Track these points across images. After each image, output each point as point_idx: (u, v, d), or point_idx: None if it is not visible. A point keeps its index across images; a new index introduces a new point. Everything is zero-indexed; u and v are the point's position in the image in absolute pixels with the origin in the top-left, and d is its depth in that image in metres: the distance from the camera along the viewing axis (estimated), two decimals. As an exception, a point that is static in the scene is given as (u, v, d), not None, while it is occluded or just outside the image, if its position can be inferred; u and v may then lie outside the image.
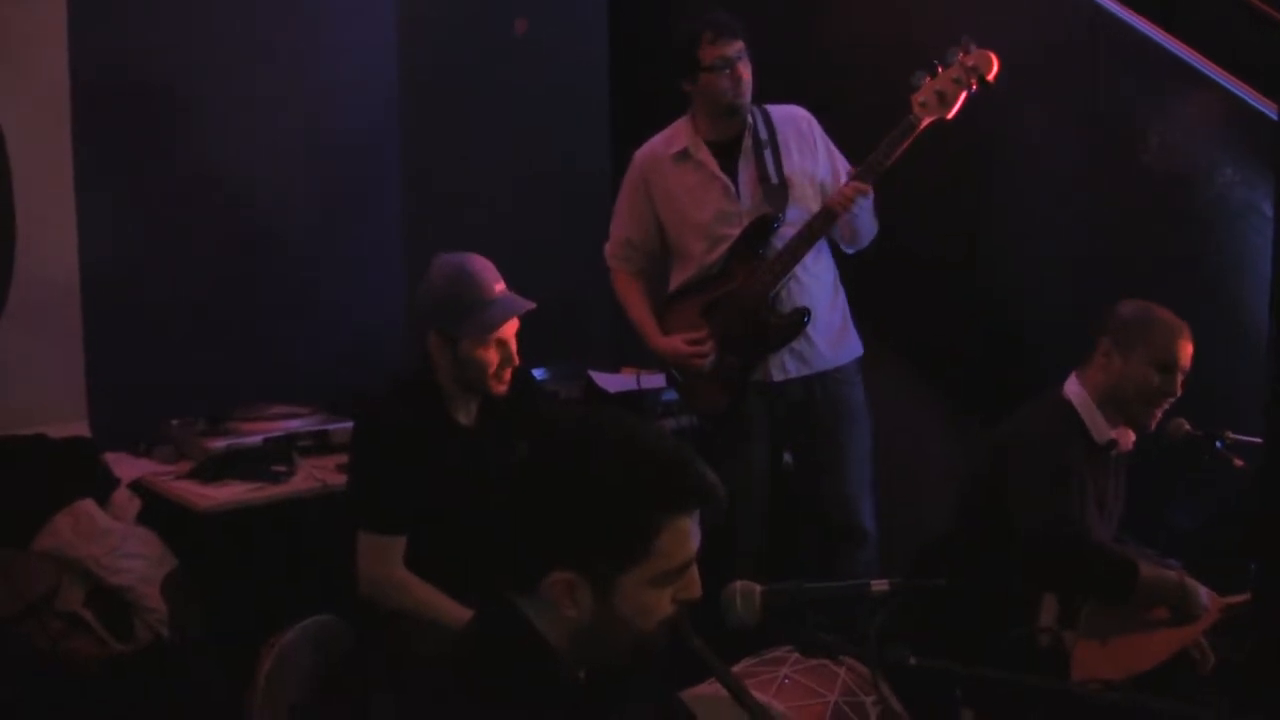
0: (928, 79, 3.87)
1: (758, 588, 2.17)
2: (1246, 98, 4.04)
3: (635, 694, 2.13)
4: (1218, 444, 3.56)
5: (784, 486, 4.35)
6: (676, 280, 4.29)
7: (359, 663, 3.12)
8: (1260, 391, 2.06)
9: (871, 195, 3.93)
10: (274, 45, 4.74)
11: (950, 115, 3.87)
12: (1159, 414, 3.48)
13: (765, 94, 4.19)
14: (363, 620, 3.22)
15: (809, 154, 4.18)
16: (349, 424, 4.32)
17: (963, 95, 3.85)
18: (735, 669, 3.21)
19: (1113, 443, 3.49)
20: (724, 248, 4.14)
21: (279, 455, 4.15)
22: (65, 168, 4.26)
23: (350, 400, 4.44)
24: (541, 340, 3.44)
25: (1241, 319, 4.01)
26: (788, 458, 4.38)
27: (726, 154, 4.16)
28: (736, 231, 4.12)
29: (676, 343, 4.17)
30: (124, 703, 3.76)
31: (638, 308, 4.33)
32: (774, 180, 4.10)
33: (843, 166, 4.19)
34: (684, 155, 4.20)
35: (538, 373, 4.82)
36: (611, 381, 4.94)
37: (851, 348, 4.26)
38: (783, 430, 4.25)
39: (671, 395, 4.77)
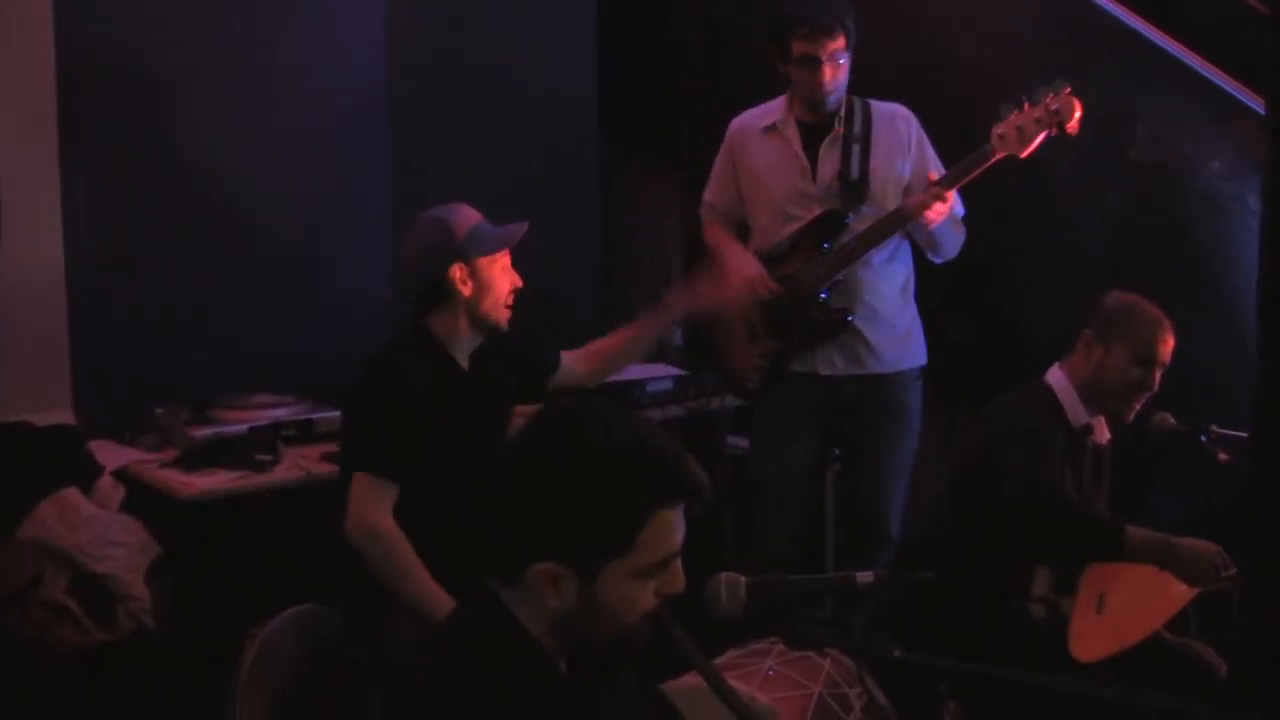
0: (1013, 113, 3.80)
1: (742, 579, 2.17)
2: (1234, 92, 4.05)
3: (625, 686, 2.14)
4: (1203, 438, 3.57)
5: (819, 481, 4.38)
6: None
7: (343, 652, 3.12)
8: (1246, 386, 2.07)
9: (949, 207, 3.89)
10: (263, 38, 4.72)
11: (1024, 154, 3.81)
12: (1136, 407, 3.50)
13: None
14: (347, 609, 3.21)
15: (898, 156, 4.11)
16: (334, 413, 4.32)
17: (1041, 136, 3.79)
18: (719, 661, 3.21)
19: (1088, 427, 3.52)
20: (791, 228, 4.13)
21: (264, 444, 4.14)
22: (51, 157, 4.24)
23: (336, 390, 4.44)
24: (530, 334, 3.45)
25: (1228, 313, 4.02)
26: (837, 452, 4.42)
27: (815, 136, 4.12)
28: (806, 214, 4.11)
29: (762, 274, 4.11)
30: (107, 691, 3.76)
31: (722, 236, 4.29)
32: (854, 175, 4.07)
33: (935, 170, 4.11)
34: (772, 129, 4.19)
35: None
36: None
37: (913, 355, 4.22)
38: (833, 425, 4.25)
39: (659, 386, 4.79)
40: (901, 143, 4.12)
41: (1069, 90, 3.75)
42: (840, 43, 3.96)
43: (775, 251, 4.17)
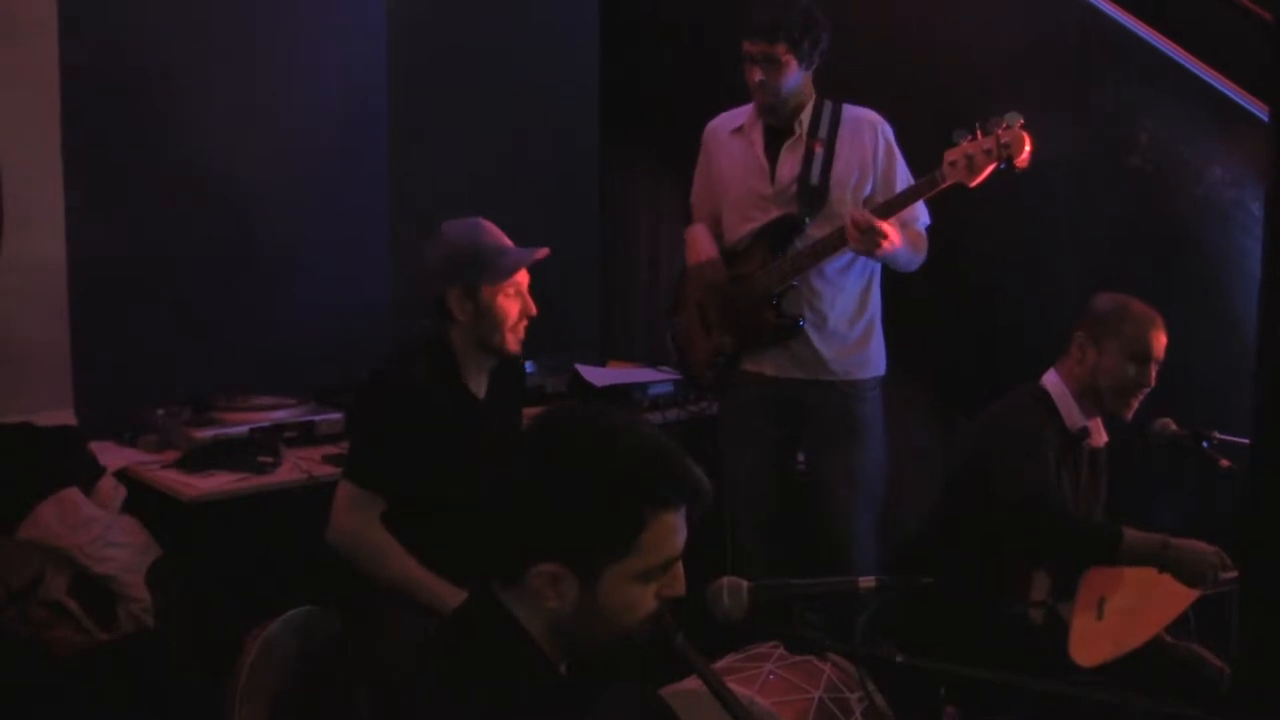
0: (966, 139, 3.76)
1: (745, 583, 2.18)
2: (1236, 98, 4.05)
3: (624, 689, 2.14)
4: (1204, 444, 3.58)
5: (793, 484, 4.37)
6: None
7: (342, 654, 3.12)
8: (1247, 392, 2.07)
9: (886, 234, 3.84)
10: (263, 34, 4.74)
11: (973, 183, 3.77)
12: (1135, 405, 3.51)
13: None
14: (346, 612, 3.21)
15: (859, 164, 4.08)
16: (336, 415, 4.33)
17: (990, 167, 3.74)
18: (719, 665, 3.21)
19: (1085, 431, 3.53)
20: (749, 229, 4.17)
21: (265, 446, 4.14)
22: (54, 155, 4.24)
23: (336, 391, 4.45)
24: (529, 334, 3.45)
25: (1230, 319, 4.02)
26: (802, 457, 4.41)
27: (780, 140, 4.15)
28: (763, 216, 4.13)
29: (716, 258, 4.20)
30: (107, 692, 3.75)
31: (696, 229, 4.35)
32: (814, 181, 4.08)
33: (903, 182, 4.08)
34: (740, 130, 4.23)
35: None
36: (598, 375, 4.94)
37: (866, 366, 4.20)
38: (786, 426, 4.26)
39: (659, 390, 4.79)
40: (866, 150, 4.10)
41: (1021, 124, 3.70)
42: (778, 49, 3.98)
43: (735, 250, 4.22)
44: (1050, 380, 3.56)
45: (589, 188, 5.72)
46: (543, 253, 3.36)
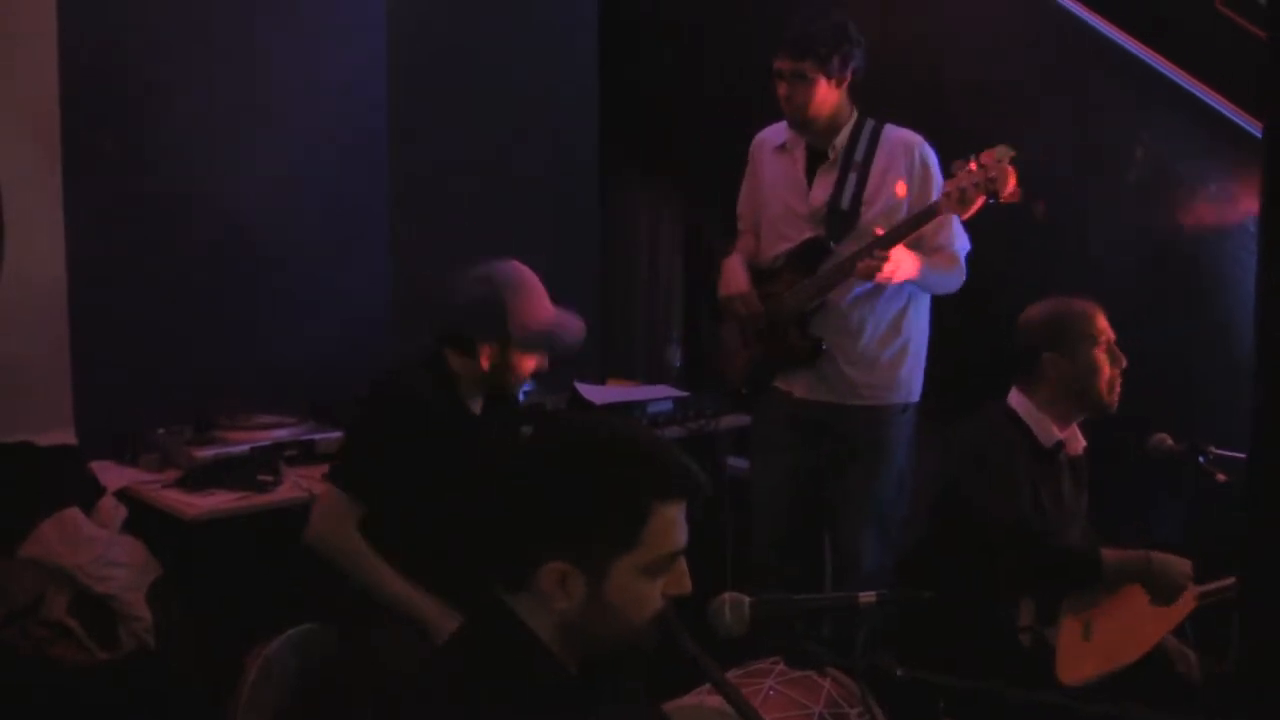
0: (962, 171, 3.71)
1: (747, 599, 2.18)
2: (1230, 114, 4.07)
3: (632, 694, 2.15)
4: (1201, 459, 3.58)
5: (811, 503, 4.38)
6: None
7: (343, 672, 3.12)
8: (1244, 406, 2.08)
9: (897, 266, 3.81)
10: (262, 46, 4.74)
11: (964, 216, 3.76)
12: (1119, 390, 3.50)
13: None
14: (346, 628, 3.21)
15: (894, 187, 4.05)
16: (335, 434, 4.32)
17: (979, 200, 3.70)
18: (719, 680, 3.20)
19: (1060, 444, 3.52)
20: (783, 248, 4.18)
21: (266, 465, 4.15)
22: (53, 173, 4.24)
23: (336, 409, 4.45)
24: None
25: (1225, 334, 4.03)
26: None
27: (818, 160, 4.15)
28: (796, 236, 4.13)
29: (745, 293, 4.17)
30: (108, 711, 3.75)
31: (731, 262, 4.33)
32: (845, 204, 4.06)
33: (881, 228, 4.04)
34: (783, 148, 4.23)
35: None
36: (597, 393, 4.95)
37: (897, 391, 4.16)
38: (814, 445, 4.24)
39: (659, 408, 4.80)
40: (901, 174, 4.06)
41: (1011, 157, 3.65)
42: (805, 65, 3.98)
43: (770, 268, 4.22)
44: (1016, 400, 3.54)
45: (590, 197, 5.72)
46: (582, 327, 3.42)
